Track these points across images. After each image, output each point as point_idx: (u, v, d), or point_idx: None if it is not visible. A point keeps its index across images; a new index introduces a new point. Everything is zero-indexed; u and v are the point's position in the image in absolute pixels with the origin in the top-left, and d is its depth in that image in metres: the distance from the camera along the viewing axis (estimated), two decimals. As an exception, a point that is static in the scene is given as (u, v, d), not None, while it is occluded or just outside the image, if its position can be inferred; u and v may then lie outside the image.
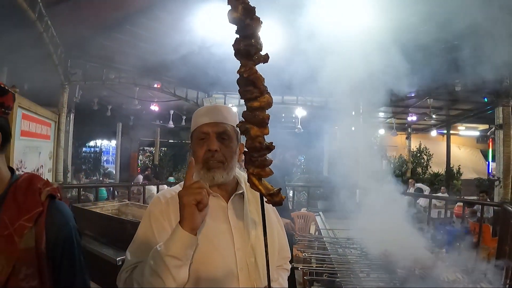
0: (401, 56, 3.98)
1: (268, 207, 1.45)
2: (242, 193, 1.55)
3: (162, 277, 1.20)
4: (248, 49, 1.14)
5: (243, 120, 1.23)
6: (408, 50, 4.01)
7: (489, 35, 4.40)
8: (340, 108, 4.31)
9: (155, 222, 1.43)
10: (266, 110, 1.21)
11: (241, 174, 1.58)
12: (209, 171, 1.45)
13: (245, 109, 1.23)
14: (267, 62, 1.19)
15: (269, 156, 1.28)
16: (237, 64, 1.20)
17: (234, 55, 1.18)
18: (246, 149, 1.26)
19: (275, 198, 1.25)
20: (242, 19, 1.11)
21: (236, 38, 1.16)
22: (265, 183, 1.28)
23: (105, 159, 18.21)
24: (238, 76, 1.20)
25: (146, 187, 7.74)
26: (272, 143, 1.23)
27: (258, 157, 1.23)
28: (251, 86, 1.17)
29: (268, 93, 1.20)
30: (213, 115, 1.50)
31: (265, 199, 1.29)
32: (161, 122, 14.70)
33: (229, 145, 1.48)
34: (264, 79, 1.19)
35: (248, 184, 1.33)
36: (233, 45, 1.17)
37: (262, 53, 1.18)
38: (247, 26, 1.12)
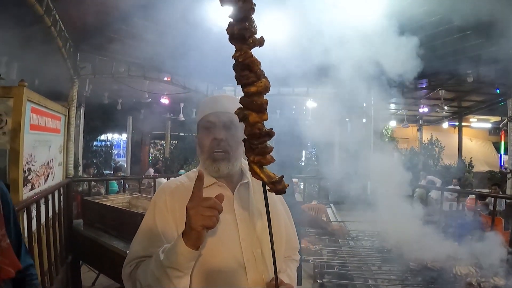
0: (412, 46, 3.93)
1: (275, 197, 1.42)
2: (248, 183, 1.53)
3: (164, 285, 1.20)
4: (242, 32, 1.10)
5: (241, 106, 1.19)
6: (420, 41, 3.95)
7: (502, 25, 4.33)
8: (351, 100, 4.27)
9: (158, 214, 1.42)
10: (264, 95, 1.17)
11: (246, 164, 1.57)
12: (214, 163, 1.45)
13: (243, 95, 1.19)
14: (262, 45, 1.14)
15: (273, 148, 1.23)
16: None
17: (229, 39, 1.14)
18: (245, 137, 1.22)
19: (278, 186, 1.20)
20: (234, 2, 1.07)
21: (230, 22, 1.12)
22: (267, 171, 1.24)
23: (116, 152, 18.37)
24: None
25: (157, 180, 7.73)
26: (272, 129, 1.19)
27: (258, 144, 1.19)
28: (246, 70, 1.13)
29: (265, 77, 1.16)
30: (218, 105, 1.50)
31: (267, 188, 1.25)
32: (172, 115, 14.75)
33: (235, 134, 1.46)
34: (260, 63, 1.15)
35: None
36: (226, 29, 1.13)
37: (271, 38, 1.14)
38: (239, 9, 1.08)
